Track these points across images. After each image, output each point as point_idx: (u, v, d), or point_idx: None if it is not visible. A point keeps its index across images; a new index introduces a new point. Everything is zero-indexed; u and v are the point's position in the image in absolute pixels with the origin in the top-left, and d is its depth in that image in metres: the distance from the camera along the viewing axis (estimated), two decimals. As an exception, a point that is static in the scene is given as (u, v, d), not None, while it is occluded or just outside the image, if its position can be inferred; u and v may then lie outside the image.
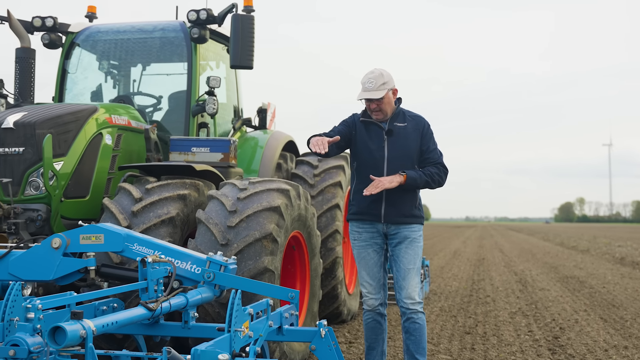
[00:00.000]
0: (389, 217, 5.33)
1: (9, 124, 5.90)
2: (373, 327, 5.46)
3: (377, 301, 5.41)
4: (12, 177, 5.85)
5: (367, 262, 5.43)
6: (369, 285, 5.42)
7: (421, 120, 5.48)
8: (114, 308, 4.57)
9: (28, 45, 7.25)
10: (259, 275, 5.42)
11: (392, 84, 5.35)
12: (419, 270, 5.40)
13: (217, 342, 3.51)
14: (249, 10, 6.99)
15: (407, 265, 5.32)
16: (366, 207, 5.38)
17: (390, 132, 5.35)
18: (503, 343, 7.76)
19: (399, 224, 5.34)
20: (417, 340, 5.29)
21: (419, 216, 5.44)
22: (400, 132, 5.37)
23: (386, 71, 5.36)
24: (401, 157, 5.32)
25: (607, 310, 10.51)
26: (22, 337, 3.23)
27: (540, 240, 42.53)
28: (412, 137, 5.37)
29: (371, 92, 5.27)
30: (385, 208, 5.32)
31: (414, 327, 5.29)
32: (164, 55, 7.73)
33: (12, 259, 4.69)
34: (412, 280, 5.31)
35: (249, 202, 5.73)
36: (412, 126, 5.40)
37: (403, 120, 5.42)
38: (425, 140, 5.41)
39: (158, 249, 4.67)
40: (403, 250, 5.34)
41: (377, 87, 5.26)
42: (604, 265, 20.39)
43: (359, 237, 5.45)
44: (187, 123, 7.32)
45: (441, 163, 5.45)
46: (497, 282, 14.69)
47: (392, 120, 5.40)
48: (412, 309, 5.27)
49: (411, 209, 5.36)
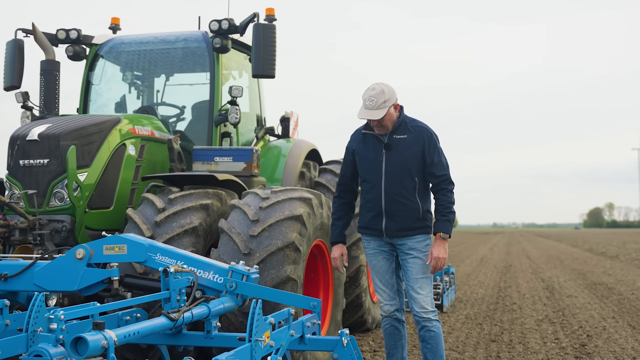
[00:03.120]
0: (390, 231, 5.30)
1: (34, 136, 5.97)
2: (391, 333, 5.43)
3: (393, 307, 5.40)
4: (37, 188, 5.91)
5: (378, 269, 5.43)
6: (382, 292, 5.42)
7: (424, 131, 5.34)
8: (137, 318, 4.60)
9: (53, 58, 7.32)
10: (281, 284, 5.42)
11: (394, 99, 5.24)
12: (430, 279, 5.34)
13: (237, 352, 3.51)
14: (271, 19, 7.03)
15: (415, 276, 5.28)
16: (369, 222, 5.38)
17: (389, 146, 5.28)
18: (529, 351, 7.69)
19: (402, 237, 5.31)
20: (433, 348, 5.27)
21: (424, 226, 5.32)
22: (400, 145, 5.28)
23: (388, 86, 5.26)
24: (399, 172, 5.25)
25: (636, 317, 10.37)
26: (45, 347, 3.26)
27: (568, 246, 42.14)
28: (412, 149, 5.27)
29: (372, 112, 5.18)
30: (385, 222, 5.29)
31: (429, 335, 5.27)
32: (187, 66, 7.78)
33: (36, 270, 4.73)
34: (423, 290, 5.27)
35: (271, 211, 5.74)
36: (412, 138, 5.29)
37: (404, 131, 5.31)
38: (429, 152, 5.29)
39: (180, 258, 4.70)
40: (410, 262, 5.31)
41: (377, 105, 5.17)
42: (634, 271, 20.14)
43: (368, 246, 5.48)
44: (210, 133, 7.36)
45: (445, 179, 5.33)
46: (523, 289, 14.57)
47: (392, 132, 5.31)
48: (425, 317, 5.25)
49: (412, 222, 5.27)
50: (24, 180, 5.97)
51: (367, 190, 5.37)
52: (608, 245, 41.19)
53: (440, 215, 5.32)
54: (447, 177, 5.34)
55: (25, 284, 4.73)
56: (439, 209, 5.34)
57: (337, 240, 5.55)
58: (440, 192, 5.34)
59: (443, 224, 5.28)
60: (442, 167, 5.33)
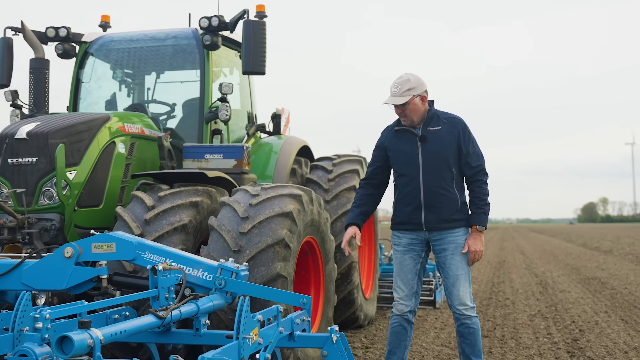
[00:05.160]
0: (429, 224, 5.28)
1: (22, 134, 5.93)
2: (398, 332, 5.39)
3: (407, 308, 5.35)
4: (26, 187, 5.88)
5: (403, 268, 5.39)
6: (401, 290, 5.38)
7: (457, 122, 5.37)
8: (126, 316, 4.58)
9: (42, 56, 7.28)
10: (271, 281, 5.41)
11: (421, 89, 5.28)
12: (469, 274, 5.34)
13: (225, 350, 3.50)
14: (261, 15, 7.00)
15: (455, 272, 5.27)
16: (407, 216, 5.34)
17: (424, 138, 5.29)
18: (521, 346, 7.70)
19: (441, 230, 5.29)
20: (472, 344, 5.28)
21: (462, 219, 5.34)
22: (435, 136, 5.29)
23: (415, 76, 5.29)
24: (436, 163, 5.25)
25: (629, 312, 10.39)
26: (30, 347, 3.23)
27: (562, 241, 42.19)
28: (447, 140, 5.29)
29: (394, 98, 5.23)
30: (425, 215, 5.26)
31: (468, 331, 5.27)
32: (177, 63, 7.75)
33: (25, 269, 4.70)
34: (463, 286, 5.26)
35: (261, 208, 5.72)
36: (446, 129, 5.31)
37: (437, 123, 5.33)
38: (464, 142, 5.31)
39: (169, 256, 4.68)
40: (449, 257, 5.29)
41: (401, 92, 5.22)
42: (627, 265, 20.18)
43: (398, 243, 5.43)
44: (200, 130, 7.34)
45: (480, 170, 5.35)
46: (517, 285, 14.60)
47: (425, 124, 5.33)
48: (465, 314, 5.25)
49: (452, 213, 5.27)
50: (12, 179, 5.94)
51: (404, 184, 5.35)
52: (602, 240, 41.25)
53: (476, 207, 5.34)
54: (482, 168, 5.37)
55: (13, 283, 4.70)
56: (474, 201, 5.36)
57: (351, 222, 5.52)
58: (475, 184, 5.36)
59: (479, 217, 5.31)
60: (477, 157, 5.36)
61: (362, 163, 8.87)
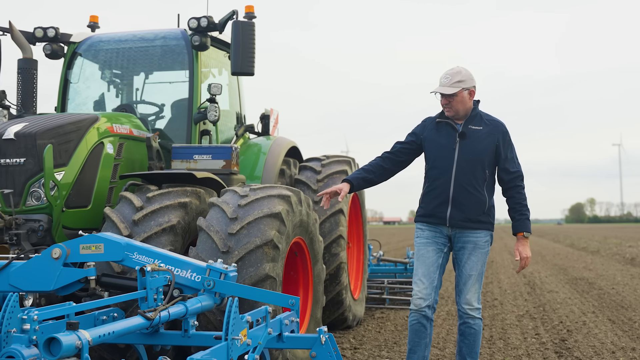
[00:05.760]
0: (454, 220, 5.25)
1: (10, 134, 5.91)
2: (417, 329, 5.27)
3: (425, 302, 5.23)
4: (14, 187, 5.85)
5: (425, 259, 5.32)
6: (421, 283, 5.27)
7: (499, 125, 5.36)
8: (114, 318, 4.56)
9: (30, 56, 7.25)
10: (260, 282, 5.41)
11: (471, 83, 5.27)
12: (482, 276, 5.34)
13: (213, 351, 3.50)
14: (251, 16, 6.99)
15: (468, 272, 5.28)
16: (432, 209, 5.32)
17: (464, 134, 5.27)
18: (509, 346, 7.72)
19: (464, 229, 5.27)
20: (470, 344, 5.30)
21: (487, 222, 5.32)
22: (474, 135, 5.27)
23: (467, 70, 5.30)
24: (471, 162, 5.23)
25: (616, 312, 10.45)
26: (17, 348, 3.23)
27: (550, 241, 42.35)
28: (487, 142, 5.27)
29: (443, 87, 5.23)
30: (451, 211, 5.24)
31: (469, 331, 5.29)
32: (166, 64, 7.74)
33: (12, 270, 4.68)
34: (473, 287, 5.28)
35: (249, 209, 5.72)
36: (487, 131, 5.30)
37: (479, 123, 5.32)
38: (503, 147, 5.30)
39: (158, 257, 4.67)
40: (466, 256, 5.29)
41: (451, 83, 5.22)
42: (614, 266, 20.29)
43: (421, 235, 5.39)
44: (189, 131, 7.33)
45: (518, 176, 5.35)
46: (505, 285, 14.64)
47: (467, 122, 5.32)
48: (469, 314, 5.27)
49: (478, 214, 5.26)
50: (0, 180, 5.91)
51: (434, 177, 5.31)
52: (589, 240, 41.42)
53: (519, 214, 5.33)
54: (520, 174, 5.36)
55: (0, 284, 4.68)
56: (515, 208, 5.34)
57: (349, 179, 5.41)
58: (514, 190, 5.35)
59: (524, 223, 5.31)
60: (515, 163, 5.36)
61: (351, 164, 8.88)
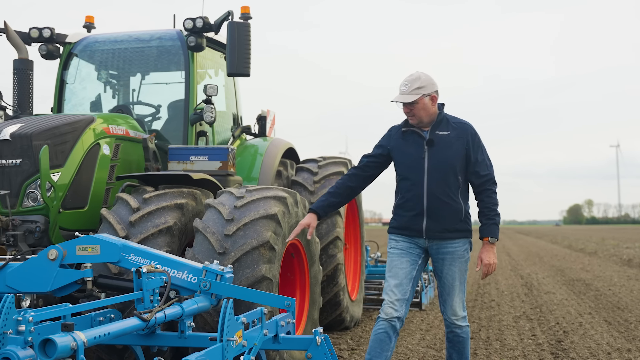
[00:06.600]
0: (431, 232, 5.06)
1: (6, 135, 5.91)
2: (382, 339, 4.99)
3: (397, 312, 5.00)
4: (10, 189, 5.85)
5: (399, 271, 5.10)
6: (393, 294, 5.05)
7: (467, 128, 5.16)
8: (111, 319, 4.55)
9: (26, 57, 7.24)
10: (256, 283, 5.41)
11: (432, 89, 5.07)
12: (464, 284, 5.20)
13: (208, 352, 3.50)
14: (246, 17, 6.98)
15: (451, 282, 5.12)
16: (407, 222, 5.12)
17: (431, 142, 5.06)
18: (506, 348, 7.73)
19: (442, 240, 5.08)
20: (460, 350, 5.24)
21: (464, 230, 5.12)
22: (443, 141, 5.07)
23: (427, 75, 5.11)
24: (442, 169, 5.03)
25: (612, 313, 10.46)
26: (13, 350, 3.22)
27: (548, 243, 42.38)
28: (456, 146, 5.07)
29: (403, 96, 5.04)
30: (427, 223, 5.04)
31: (457, 339, 5.20)
32: (162, 64, 7.74)
33: (9, 271, 4.69)
34: (457, 297, 5.13)
35: (245, 210, 5.72)
36: (456, 134, 5.10)
37: (446, 127, 5.12)
38: (473, 150, 5.10)
39: (154, 258, 4.67)
40: (447, 267, 5.11)
41: (410, 90, 5.03)
42: (611, 267, 20.30)
43: (395, 245, 5.19)
44: (185, 132, 7.33)
45: (489, 179, 5.15)
46: (502, 286, 14.65)
47: (434, 128, 5.11)
48: (456, 323, 5.16)
49: (455, 223, 5.06)
50: None
51: (406, 188, 5.12)
52: (587, 241, 41.44)
53: (487, 218, 5.13)
54: (491, 177, 5.16)
55: (-3, 286, 4.69)
56: (484, 212, 5.15)
57: (315, 209, 5.24)
58: (484, 194, 5.13)
59: (490, 228, 5.10)
60: (486, 166, 5.16)
61: (348, 165, 8.88)
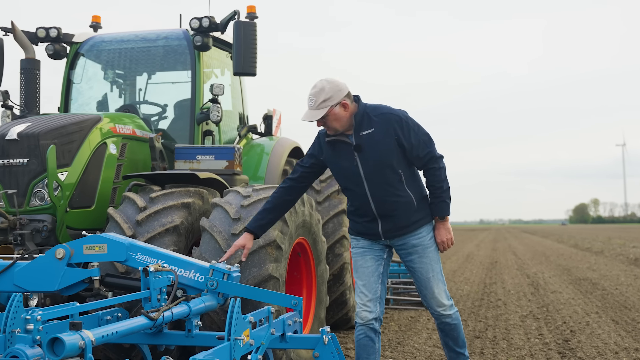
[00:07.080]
0: (388, 233, 4.90)
1: (13, 135, 5.92)
2: (365, 344, 4.87)
3: (372, 314, 4.86)
4: (17, 188, 5.87)
5: (364, 270, 4.96)
6: (364, 295, 4.90)
7: (390, 118, 4.79)
8: (118, 318, 4.57)
9: (32, 56, 7.26)
10: (263, 282, 5.41)
11: (339, 97, 4.72)
12: (441, 273, 5.03)
13: (215, 351, 3.50)
14: (252, 16, 6.98)
15: (425, 275, 4.96)
16: (363, 228, 4.97)
17: (359, 147, 4.77)
18: (513, 347, 7.72)
19: (403, 235, 4.92)
20: (455, 336, 5.12)
21: (423, 217, 4.93)
22: (369, 141, 4.76)
23: (332, 83, 4.75)
24: (378, 171, 4.78)
25: (619, 312, 10.43)
26: (21, 348, 3.24)
27: (554, 242, 42.30)
28: (384, 142, 4.75)
29: (310, 112, 4.73)
30: (382, 225, 4.88)
31: (449, 327, 5.09)
32: (168, 64, 7.75)
33: (16, 270, 4.71)
34: (436, 287, 4.97)
35: (252, 210, 5.72)
36: (380, 129, 4.76)
37: (369, 125, 4.78)
38: (404, 137, 4.77)
39: (161, 257, 4.68)
40: (417, 261, 4.95)
41: (316, 106, 4.70)
42: (618, 266, 20.25)
43: (357, 245, 5.05)
44: (191, 131, 7.34)
45: (430, 157, 4.86)
46: (509, 285, 14.62)
47: (357, 130, 4.79)
48: (443, 314, 5.04)
49: (409, 216, 4.87)
50: (3, 180, 5.92)
51: (352, 197, 4.96)
52: (593, 240, 41.33)
53: (434, 197, 4.93)
54: (432, 155, 4.87)
55: (5, 285, 4.71)
56: (430, 190, 4.96)
57: (250, 229, 5.04)
58: (428, 173, 4.91)
59: (439, 206, 4.92)
60: (424, 145, 4.85)
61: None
